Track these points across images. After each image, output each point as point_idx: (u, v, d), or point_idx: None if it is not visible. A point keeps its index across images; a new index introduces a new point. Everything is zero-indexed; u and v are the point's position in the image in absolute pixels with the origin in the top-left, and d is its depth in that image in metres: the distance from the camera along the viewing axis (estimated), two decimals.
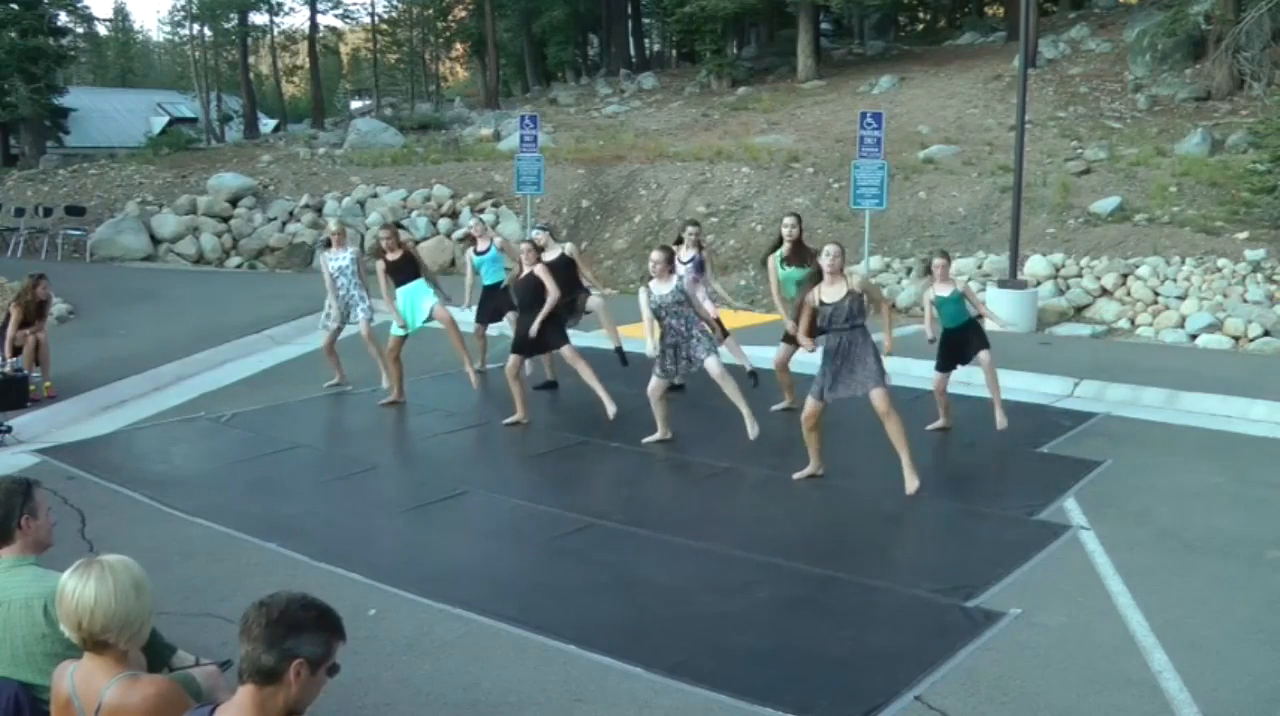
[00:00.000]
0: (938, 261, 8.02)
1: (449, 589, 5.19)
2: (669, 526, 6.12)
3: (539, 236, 9.39)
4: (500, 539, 6.02)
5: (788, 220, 8.65)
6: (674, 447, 7.76)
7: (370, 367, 9.39)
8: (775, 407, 8.77)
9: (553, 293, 8.18)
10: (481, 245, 9.96)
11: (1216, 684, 4.25)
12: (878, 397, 6.56)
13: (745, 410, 7.56)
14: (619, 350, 9.07)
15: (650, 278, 7.68)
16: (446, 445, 8.18)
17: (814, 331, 6.85)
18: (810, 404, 6.79)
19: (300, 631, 2.28)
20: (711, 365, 7.53)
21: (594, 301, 9.41)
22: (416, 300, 8.93)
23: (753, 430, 7.52)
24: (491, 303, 9.91)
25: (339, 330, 9.45)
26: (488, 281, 9.95)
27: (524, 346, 8.35)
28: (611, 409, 8.04)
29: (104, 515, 6.20)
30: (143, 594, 2.63)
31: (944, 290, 7.86)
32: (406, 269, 8.98)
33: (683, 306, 7.56)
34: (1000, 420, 7.84)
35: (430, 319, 8.96)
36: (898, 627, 4.81)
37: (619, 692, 4.21)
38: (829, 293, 6.65)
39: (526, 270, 8.33)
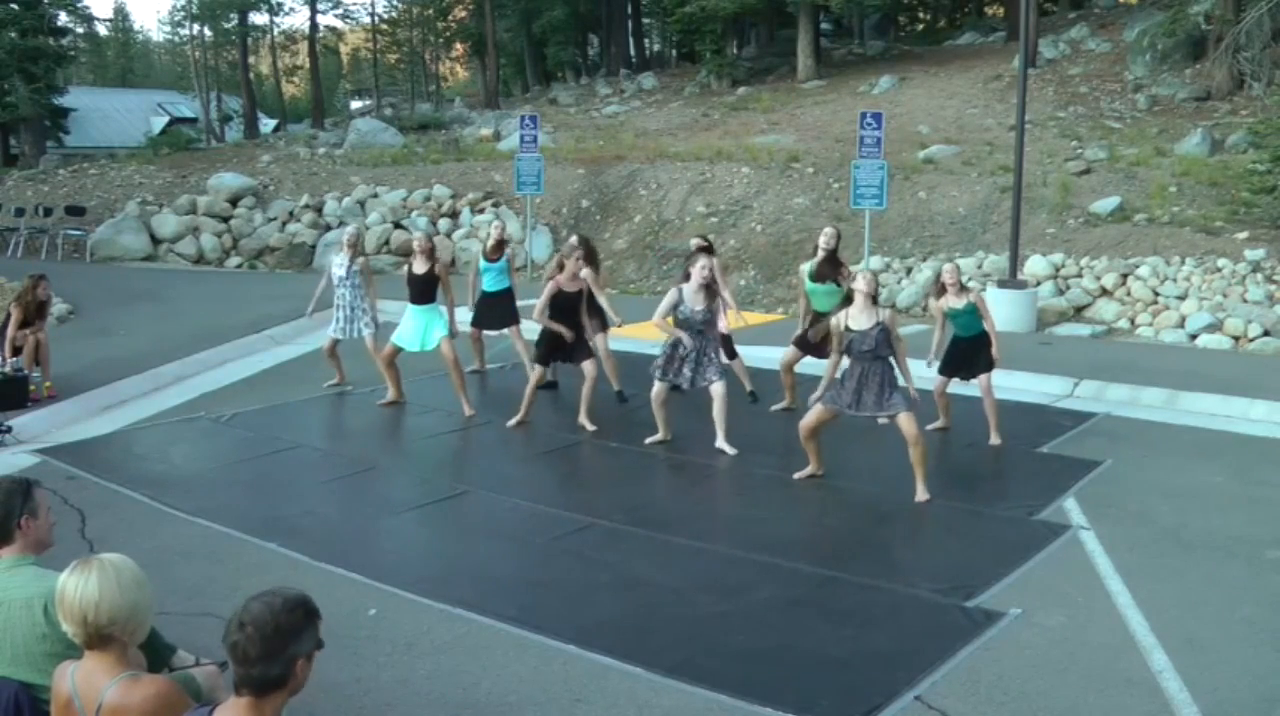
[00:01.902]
0: (948, 268, 7.89)
1: (449, 589, 5.20)
2: (669, 526, 6.12)
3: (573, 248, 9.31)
4: (500, 539, 6.02)
5: (828, 231, 8.56)
6: (674, 447, 7.76)
7: (371, 368, 9.38)
8: (775, 407, 8.77)
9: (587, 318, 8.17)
10: (495, 255, 9.91)
11: (1216, 684, 4.25)
12: (907, 422, 6.51)
13: (722, 431, 7.54)
14: (620, 393, 9.08)
15: (686, 280, 7.52)
16: (446, 445, 8.18)
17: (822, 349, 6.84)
18: (818, 410, 6.73)
19: (299, 634, 2.31)
20: (718, 390, 7.49)
21: (598, 341, 9.32)
22: (428, 325, 8.78)
23: (729, 450, 7.49)
24: (495, 311, 9.86)
25: (339, 340, 9.39)
26: (492, 288, 9.88)
27: (549, 356, 8.34)
28: (588, 427, 8.09)
29: (104, 515, 6.21)
30: (143, 587, 2.66)
31: (958, 302, 7.77)
32: (427, 286, 8.83)
33: (709, 327, 7.53)
34: (995, 438, 7.85)
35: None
36: (898, 627, 4.81)
37: (619, 692, 4.21)
38: (857, 319, 6.57)
39: (572, 285, 8.17)
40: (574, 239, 9.32)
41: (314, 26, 33.50)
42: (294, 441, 7.92)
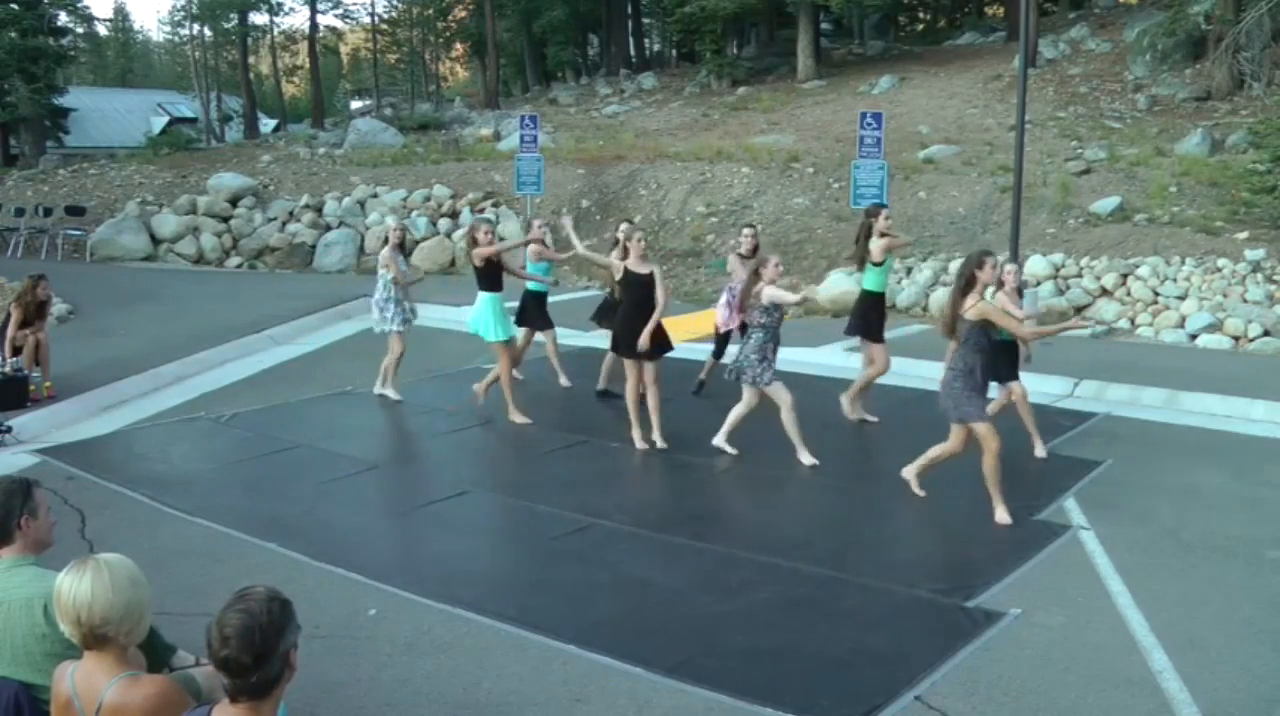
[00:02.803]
0: (1010, 267, 7.51)
1: (449, 589, 5.20)
2: (669, 526, 6.12)
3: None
4: (500, 539, 6.02)
5: (885, 212, 8.30)
6: (674, 448, 7.75)
7: (372, 370, 9.35)
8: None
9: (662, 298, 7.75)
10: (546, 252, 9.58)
11: (1216, 684, 4.25)
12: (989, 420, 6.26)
13: (729, 429, 7.48)
14: (606, 391, 9.02)
15: (757, 278, 7.24)
16: (446, 445, 8.17)
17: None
18: (990, 426, 6.19)
19: (283, 628, 2.32)
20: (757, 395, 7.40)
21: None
22: (504, 312, 8.47)
23: (729, 449, 7.49)
24: (544, 311, 9.59)
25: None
26: (536, 288, 9.56)
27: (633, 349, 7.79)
28: (660, 443, 7.68)
29: (104, 515, 6.21)
30: (139, 587, 2.64)
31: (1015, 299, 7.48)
32: (502, 273, 8.43)
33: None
34: (1041, 449, 7.55)
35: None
36: (898, 627, 4.81)
37: (619, 692, 4.21)
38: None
39: (642, 266, 7.71)
40: (625, 226, 8.77)
41: (314, 26, 33.52)
42: (294, 441, 7.91)
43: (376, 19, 41.35)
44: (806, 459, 7.23)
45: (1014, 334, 6.38)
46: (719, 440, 7.52)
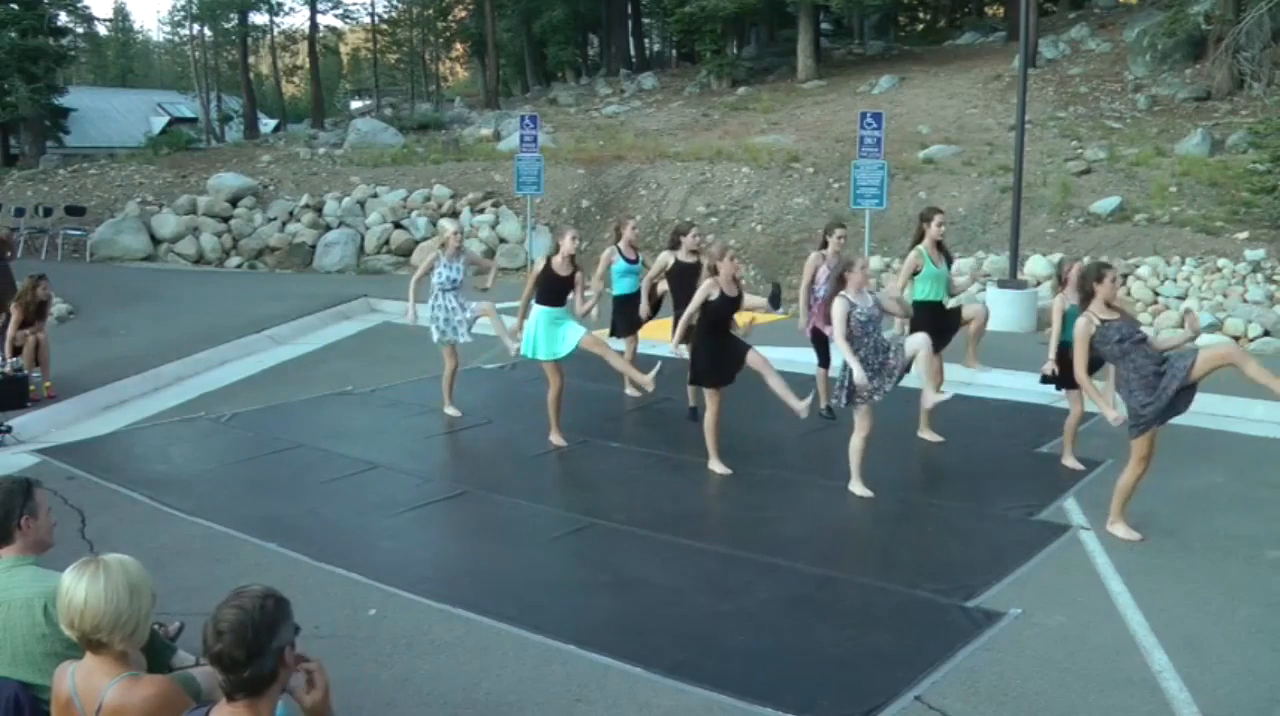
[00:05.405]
0: (1077, 264, 7.17)
1: (449, 589, 5.20)
2: (669, 526, 6.12)
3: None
4: (500, 539, 6.02)
5: (939, 217, 7.90)
6: (674, 448, 7.75)
7: (372, 370, 9.35)
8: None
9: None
10: (631, 253, 9.26)
11: (1216, 684, 4.25)
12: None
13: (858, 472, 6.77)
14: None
15: (849, 287, 6.51)
16: (446, 445, 8.17)
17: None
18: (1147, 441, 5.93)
19: (276, 625, 2.34)
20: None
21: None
22: (568, 326, 7.79)
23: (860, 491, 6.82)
24: (632, 317, 9.11)
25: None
26: (629, 290, 9.19)
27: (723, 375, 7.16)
28: (720, 470, 7.18)
29: (104, 515, 6.21)
30: (137, 596, 2.64)
31: (1076, 299, 7.02)
32: (566, 289, 7.84)
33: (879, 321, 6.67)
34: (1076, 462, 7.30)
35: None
36: (898, 627, 4.81)
37: (619, 692, 4.21)
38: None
39: (732, 289, 7.00)
40: (713, 240, 8.17)
41: (314, 26, 33.50)
42: (294, 441, 7.91)
43: (376, 19, 41.39)
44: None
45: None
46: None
